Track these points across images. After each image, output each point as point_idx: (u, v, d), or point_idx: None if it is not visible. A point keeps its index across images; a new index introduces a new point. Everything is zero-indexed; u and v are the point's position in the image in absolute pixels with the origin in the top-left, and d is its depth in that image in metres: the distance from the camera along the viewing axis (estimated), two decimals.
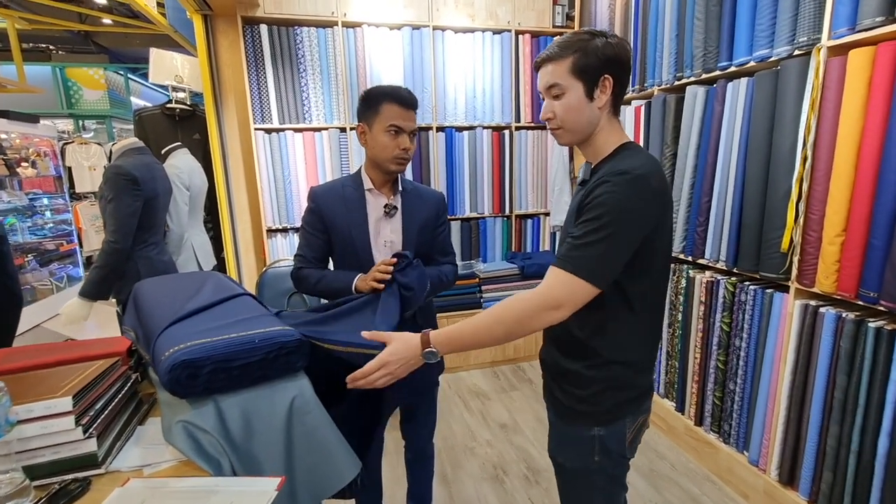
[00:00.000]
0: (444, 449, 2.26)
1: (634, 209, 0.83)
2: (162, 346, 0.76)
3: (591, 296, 0.85)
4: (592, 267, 0.82)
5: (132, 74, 6.51)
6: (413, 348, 0.89)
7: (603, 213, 0.82)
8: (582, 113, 0.92)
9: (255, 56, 2.62)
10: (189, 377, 0.71)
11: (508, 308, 0.86)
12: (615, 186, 0.82)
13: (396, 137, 1.26)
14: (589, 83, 0.90)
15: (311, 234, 1.35)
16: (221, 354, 0.73)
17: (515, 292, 3.03)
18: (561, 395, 1.02)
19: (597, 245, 0.82)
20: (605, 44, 0.89)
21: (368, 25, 2.74)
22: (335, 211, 1.32)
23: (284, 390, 0.80)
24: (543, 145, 3.19)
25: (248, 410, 0.76)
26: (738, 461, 1.89)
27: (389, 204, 1.34)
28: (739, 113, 1.77)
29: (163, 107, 2.85)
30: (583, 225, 0.84)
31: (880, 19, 1.29)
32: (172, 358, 0.70)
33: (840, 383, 1.49)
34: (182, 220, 2.47)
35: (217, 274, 1.26)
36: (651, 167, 0.86)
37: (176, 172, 2.41)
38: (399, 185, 1.37)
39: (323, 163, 2.80)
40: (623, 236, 0.83)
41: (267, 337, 0.78)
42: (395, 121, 1.25)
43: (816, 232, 1.52)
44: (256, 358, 0.76)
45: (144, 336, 0.94)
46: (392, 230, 1.36)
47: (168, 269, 2.19)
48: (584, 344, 0.95)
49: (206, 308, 0.93)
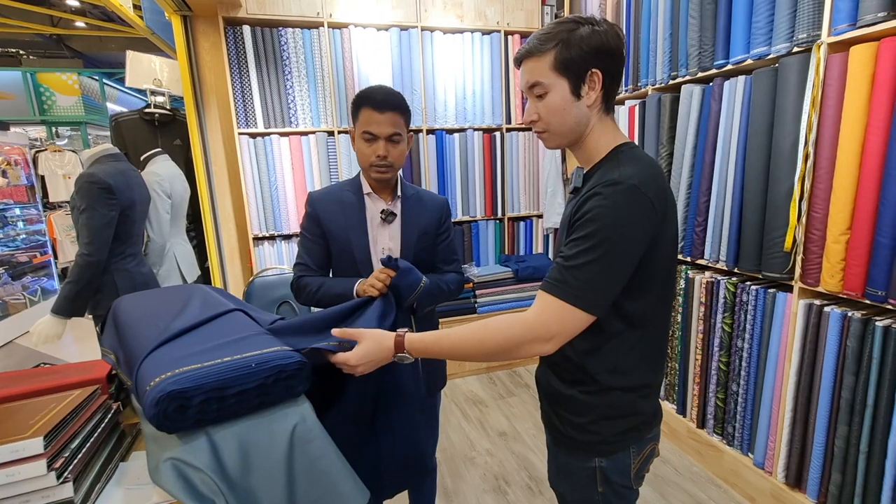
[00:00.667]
0: (443, 460, 2.19)
1: (629, 224, 0.74)
2: (146, 374, 0.69)
3: (585, 324, 0.76)
4: (586, 293, 0.74)
5: (108, 79, 6.31)
6: (385, 350, 0.85)
7: (595, 231, 0.73)
8: (568, 113, 0.82)
9: (238, 58, 2.53)
10: (178, 410, 0.63)
11: (494, 332, 0.79)
12: (606, 199, 0.73)
13: (371, 144, 1.20)
14: (574, 79, 0.80)
15: (309, 240, 1.30)
16: (214, 382, 0.65)
17: (511, 296, 2.95)
18: (558, 421, 0.92)
19: (590, 267, 0.73)
20: (592, 32, 0.78)
21: (355, 26, 2.67)
22: (333, 216, 1.27)
23: (284, 418, 0.73)
24: (535, 147, 3.15)
25: (246, 442, 0.68)
26: (744, 464, 1.86)
27: (387, 210, 1.28)
28: (737, 111, 1.75)
29: (141, 112, 2.73)
30: (573, 244, 0.75)
31: (882, 14, 1.27)
32: (158, 389, 0.63)
33: (847, 383, 1.47)
34: (163, 230, 2.37)
35: (204, 287, 1.17)
36: (647, 173, 0.77)
37: (157, 180, 2.30)
38: (399, 189, 1.31)
39: (311, 168, 2.72)
40: (619, 256, 0.74)
41: (264, 360, 0.71)
42: (368, 126, 1.18)
43: (820, 230, 1.50)
44: (253, 384, 0.69)
45: (126, 360, 0.86)
46: (390, 237, 1.30)
47: (148, 281, 2.08)
48: (579, 367, 0.85)
49: (194, 327, 0.85)
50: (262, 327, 0.90)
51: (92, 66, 6.14)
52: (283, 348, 0.76)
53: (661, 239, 0.78)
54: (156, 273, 2.26)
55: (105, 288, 1.88)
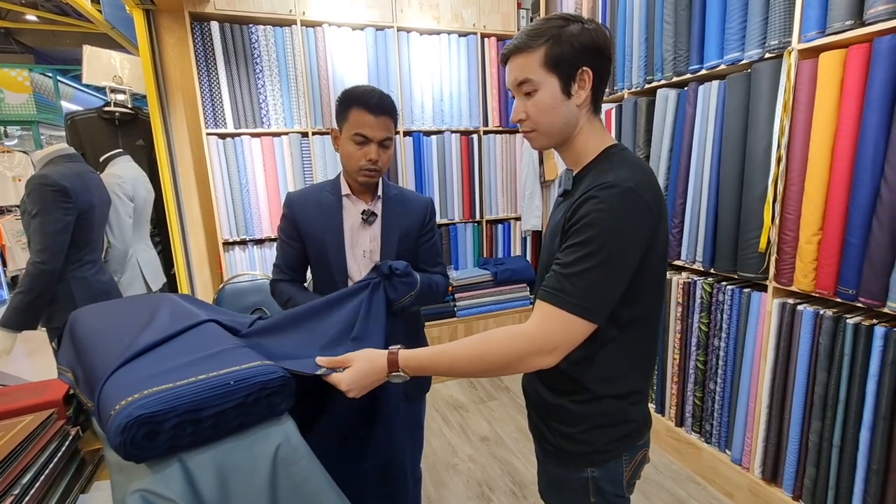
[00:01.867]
0: (426, 468, 2.15)
1: (628, 228, 0.72)
2: (110, 395, 0.62)
3: (587, 333, 0.74)
4: (587, 301, 0.71)
5: (62, 76, 5.97)
6: (378, 371, 0.80)
7: (593, 236, 0.70)
8: (558, 112, 0.79)
9: (206, 55, 2.42)
10: (147, 436, 0.57)
11: (495, 346, 0.75)
12: (603, 203, 0.71)
13: (362, 147, 1.16)
14: (565, 77, 0.77)
15: (285, 242, 1.27)
16: (188, 403, 0.59)
17: (489, 300, 2.93)
18: (548, 432, 0.89)
19: (589, 274, 0.71)
20: (582, 30, 0.75)
21: (329, 25, 2.60)
22: (310, 217, 1.24)
23: (267, 438, 0.67)
24: (512, 149, 3.16)
25: (224, 468, 0.62)
26: (721, 460, 1.90)
27: (367, 210, 1.25)
28: (712, 115, 1.78)
29: (100, 110, 2.58)
30: (570, 250, 0.73)
31: (849, 23, 1.32)
32: (125, 414, 0.56)
33: (820, 379, 1.51)
34: (125, 235, 2.23)
35: (171, 296, 1.09)
36: (642, 176, 0.75)
37: (117, 182, 2.17)
38: (380, 190, 1.27)
39: (283, 170, 2.63)
40: (618, 261, 0.72)
41: (244, 377, 0.65)
42: (361, 129, 1.15)
43: (793, 231, 1.54)
44: (232, 404, 0.63)
45: (86, 379, 0.78)
46: (371, 238, 1.27)
47: (109, 290, 1.95)
48: (569, 376, 0.83)
49: (164, 342, 0.78)
50: (238, 339, 0.83)
51: (44, 62, 5.79)
52: (265, 362, 0.70)
53: (655, 242, 0.76)
54: (117, 281, 2.12)
55: (61, 298, 1.74)
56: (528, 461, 2.17)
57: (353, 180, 1.23)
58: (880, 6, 1.25)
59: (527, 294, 3.16)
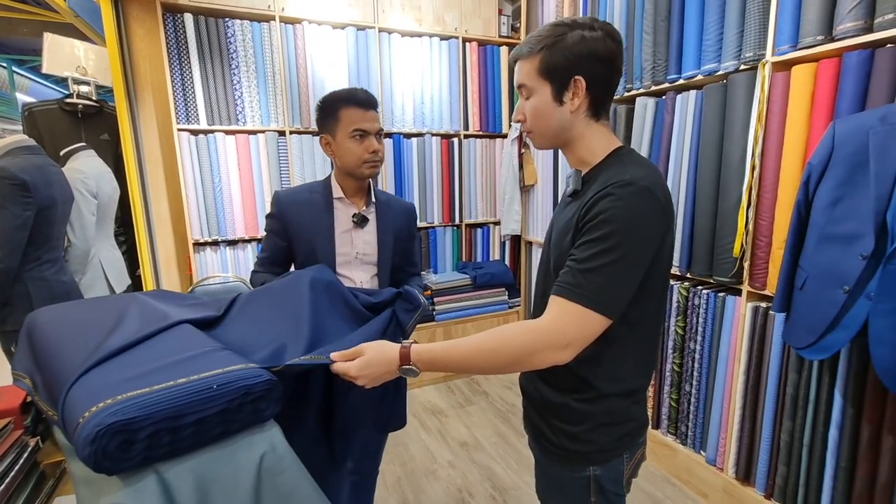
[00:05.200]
0: (403, 475, 2.11)
1: (644, 225, 0.73)
2: (77, 403, 0.57)
3: (602, 329, 0.74)
4: (603, 296, 0.72)
5: (18, 67, 5.64)
6: (389, 362, 0.79)
7: (611, 232, 0.71)
8: (551, 117, 0.82)
9: (179, 48, 2.32)
10: (121, 447, 0.52)
11: (508, 340, 0.75)
12: (619, 200, 0.72)
13: (363, 141, 1.21)
14: (557, 85, 0.80)
15: (272, 239, 1.29)
16: (167, 409, 0.55)
17: (469, 304, 2.91)
18: (549, 431, 0.89)
19: (607, 269, 0.71)
20: (580, 39, 0.76)
21: (309, 22, 2.55)
22: (300, 219, 1.25)
23: (250, 447, 0.63)
24: (492, 154, 3.17)
25: (204, 480, 0.58)
26: (696, 461, 1.94)
27: (358, 214, 1.28)
28: (689, 124, 1.83)
29: (61, 102, 2.44)
30: (586, 246, 0.73)
31: (820, 38, 1.38)
32: (96, 421, 0.51)
33: (791, 380, 1.56)
34: (87, 233, 2.11)
35: (140, 296, 1.03)
36: (655, 177, 0.77)
37: (80, 177, 2.05)
38: (372, 195, 1.31)
39: (259, 169, 2.55)
40: (634, 257, 0.73)
41: (228, 381, 0.61)
42: (358, 124, 1.20)
43: (766, 237, 1.59)
44: (214, 410, 0.59)
45: (46, 385, 0.72)
46: (365, 241, 1.30)
47: (69, 291, 1.84)
48: (575, 375, 0.83)
49: (135, 344, 0.73)
50: (217, 343, 0.78)
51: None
52: (249, 366, 0.66)
53: (665, 241, 0.78)
54: (78, 282, 2.00)
55: (16, 299, 1.63)
56: (508, 466, 2.16)
57: (359, 177, 1.25)
58: (848, 23, 1.31)
59: (505, 298, 3.16)
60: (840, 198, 1.22)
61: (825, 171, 1.26)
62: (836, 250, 1.21)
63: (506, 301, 3.16)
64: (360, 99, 1.20)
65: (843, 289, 1.18)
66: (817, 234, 1.27)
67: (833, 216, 1.23)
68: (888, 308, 1.10)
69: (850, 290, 1.16)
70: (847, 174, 1.21)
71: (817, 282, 1.26)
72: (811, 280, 1.28)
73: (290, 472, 0.65)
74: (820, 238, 1.26)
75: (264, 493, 0.62)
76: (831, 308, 1.20)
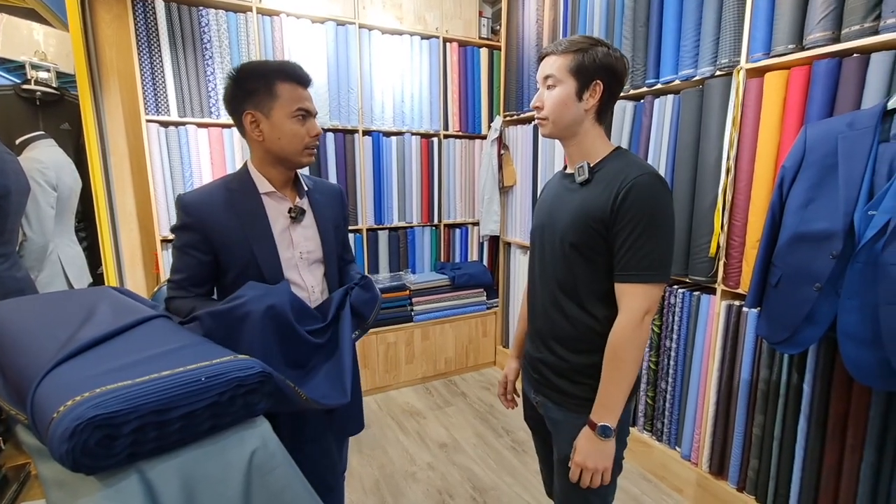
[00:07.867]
0: (382, 478, 2.06)
1: (668, 204, 0.93)
2: (49, 398, 0.52)
3: (662, 291, 1.01)
4: (660, 269, 0.91)
5: None
6: (592, 441, 0.95)
7: (651, 217, 0.90)
8: (568, 108, 0.98)
9: (149, 36, 2.22)
10: (102, 443, 0.48)
11: (623, 347, 0.92)
12: (647, 188, 0.90)
13: (304, 123, 1.06)
14: (581, 83, 0.96)
15: (190, 255, 1.05)
16: (154, 402, 0.51)
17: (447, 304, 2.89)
18: (575, 388, 1.03)
19: (657, 247, 0.90)
20: (606, 54, 0.96)
21: (287, 15, 2.49)
22: (224, 225, 1.04)
23: (241, 443, 0.59)
24: (471, 155, 3.17)
25: (192, 479, 0.54)
26: (672, 457, 1.98)
27: (295, 208, 1.12)
28: (666, 127, 1.89)
29: (17, 87, 2.28)
30: (631, 231, 0.90)
31: (791, 46, 1.45)
32: (74, 416, 0.47)
33: (763, 376, 1.62)
34: (45, 228, 1.98)
35: (109, 289, 0.97)
36: (654, 169, 0.96)
37: (38, 168, 1.92)
38: (302, 183, 1.17)
39: (233, 163, 2.46)
40: (671, 229, 0.94)
41: (217, 373, 0.57)
42: (300, 103, 1.04)
43: (740, 237, 1.65)
44: (203, 403, 0.55)
45: (9, 383, 0.66)
46: (307, 238, 1.15)
47: (24, 288, 1.71)
48: (599, 334, 0.98)
49: (111, 336, 0.68)
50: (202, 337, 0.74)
51: None
52: (239, 357, 0.63)
53: None
54: (35, 279, 1.87)
55: None
56: (487, 467, 2.15)
57: (292, 165, 1.11)
58: (818, 33, 1.38)
59: (483, 299, 3.16)
60: (812, 199, 1.27)
61: (798, 173, 1.32)
62: (808, 249, 1.26)
63: (484, 302, 3.17)
64: (301, 74, 1.05)
65: (815, 286, 1.23)
66: (790, 233, 1.32)
67: (805, 217, 1.28)
68: (856, 304, 1.15)
69: (822, 288, 1.22)
70: (818, 177, 1.27)
71: (791, 279, 1.31)
72: (785, 278, 1.33)
73: (280, 470, 0.62)
74: (793, 238, 1.31)
75: (254, 491, 0.59)
76: (804, 304, 1.25)
